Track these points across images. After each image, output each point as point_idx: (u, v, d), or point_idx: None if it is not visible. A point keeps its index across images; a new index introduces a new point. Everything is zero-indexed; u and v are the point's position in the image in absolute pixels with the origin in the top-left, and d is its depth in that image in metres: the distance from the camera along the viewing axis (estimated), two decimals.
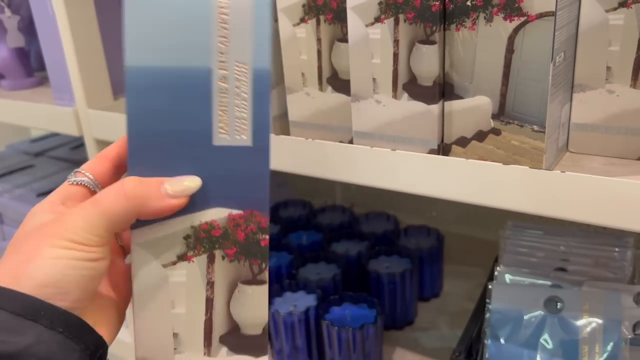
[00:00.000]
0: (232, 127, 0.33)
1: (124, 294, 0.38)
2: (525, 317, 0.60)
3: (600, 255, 0.65)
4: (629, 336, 0.56)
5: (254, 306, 0.36)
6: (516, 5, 0.39)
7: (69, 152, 1.16)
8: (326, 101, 0.51)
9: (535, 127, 0.41)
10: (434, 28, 0.42)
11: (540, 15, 0.39)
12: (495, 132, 0.43)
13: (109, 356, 0.35)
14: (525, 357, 0.59)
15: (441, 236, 0.84)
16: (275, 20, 0.50)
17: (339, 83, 0.50)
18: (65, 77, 0.70)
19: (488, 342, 0.61)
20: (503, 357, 0.60)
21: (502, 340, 0.60)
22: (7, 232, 1.01)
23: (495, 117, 0.43)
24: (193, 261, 0.35)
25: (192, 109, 0.33)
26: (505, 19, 0.40)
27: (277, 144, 0.52)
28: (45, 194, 0.97)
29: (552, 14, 0.38)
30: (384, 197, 0.95)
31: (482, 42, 0.41)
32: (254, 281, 0.36)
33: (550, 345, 0.59)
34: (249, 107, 0.33)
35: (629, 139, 0.43)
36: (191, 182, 0.34)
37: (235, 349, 0.36)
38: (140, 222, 0.34)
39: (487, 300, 0.63)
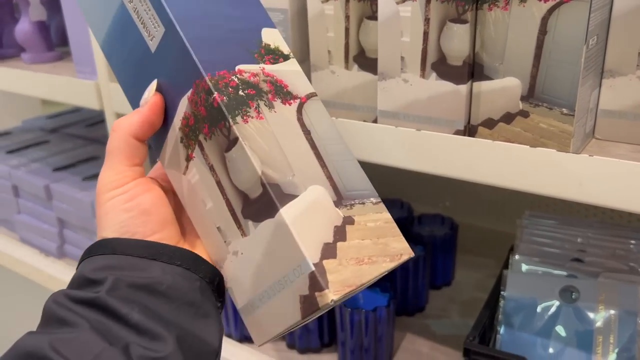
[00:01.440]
0: (151, 28, 0.37)
1: None
2: (540, 306, 0.60)
3: (617, 247, 0.64)
4: None
5: (241, 166, 0.35)
6: None
7: (84, 130, 1.16)
8: (351, 79, 0.51)
9: (565, 110, 0.41)
10: (467, 7, 0.42)
11: None
12: (524, 114, 0.43)
13: None
14: (538, 346, 0.59)
15: (455, 225, 0.84)
16: None
17: (366, 61, 0.50)
18: (87, 50, 0.70)
19: (501, 329, 0.61)
20: (516, 344, 0.60)
21: (515, 328, 0.60)
22: (22, 205, 1.02)
23: (524, 99, 0.43)
24: (194, 157, 0.38)
25: (132, 38, 0.39)
26: None
27: None
28: (61, 169, 0.98)
29: None
30: (397, 184, 0.95)
31: (514, 22, 0.41)
32: (230, 143, 0.35)
33: (564, 335, 0.59)
34: (148, 3, 0.37)
35: None
36: (151, 85, 0.38)
37: (255, 217, 0.36)
38: (158, 152, 0.40)
39: (502, 288, 0.63)
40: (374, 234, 0.37)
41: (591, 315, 0.58)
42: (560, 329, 0.59)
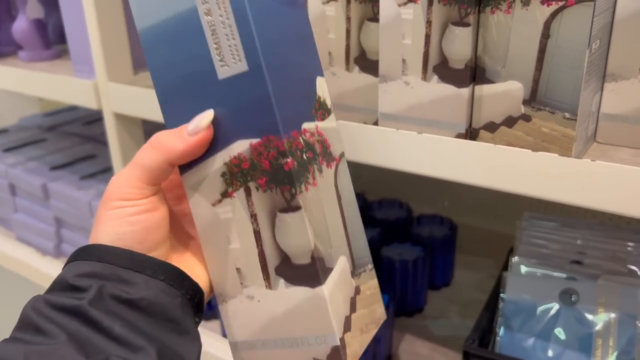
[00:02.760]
0: (228, 57, 0.34)
1: None
2: (540, 309, 0.60)
3: (617, 250, 0.64)
4: None
5: (295, 234, 0.36)
6: None
7: (82, 128, 1.16)
8: (352, 81, 0.51)
9: (567, 115, 0.41)
10: (469, 10, 0.42)
11: (579, 1, 0.38)
12: (526, 118, 0.43)
13: None
14: (537, 348, 0.59)
15: (454, 225, 0.84)
16: None
17: (367, 63, 0.49)
18: (85, 49, 0.69)
19: (501, 331, 0.61)
20: (515, 347, 0.60)
21: (515, 331, 0.60)
22: (19, 204, 1.01)
23: (526, 102, 0.42)
24: (234, 196, 0.36)
25: (193, 50, 0.35)
26: (542, 3, 0.39)
27: None
28: (58, 167, 0.98)
29: None
30: (396, 185, 0.95)
31: (517, 26, 0.41)
32: (289, 208, 0.35)
33: (563, 338, 0.58)
34: (235, 32, 0.33)
35: None
36: (206, 115, 0.35)
37: (291, 280, 0.37)
38: (185, 167, 0.37)
39: (501, 290, 0.62)
40: (369, 302, 0.41)
41: (591, 318, 0.58)
42: (559, 332, 0.59)
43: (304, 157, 0.36)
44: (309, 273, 0.36)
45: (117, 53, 0.68)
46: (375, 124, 0.50)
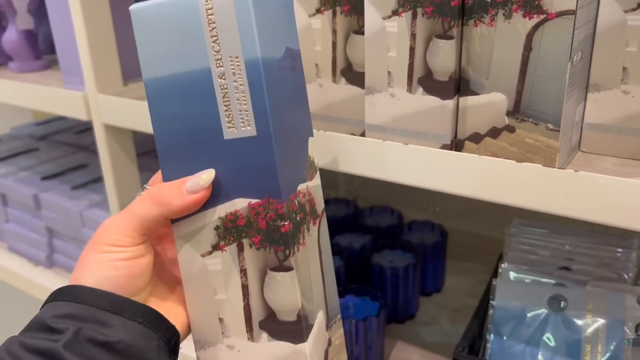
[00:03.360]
0: (237, 120, 0.35)
1: None
2: (529, 315, 0.61)
3: (605, 256, 0.65)
4: (632, 336, 0.57)
5: (284, 292, 0.37)
6: (536, 2, 0.39)
7: (73, 137, 1.16)
8: (339, 93, 0.51)
9: (550, 126, 0.41)
10: (452, 23, 0.42)
11: (560, 14, 0.39)
12: (510, 129, 0.43)
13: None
14: (527, 355, 0.60)
15: (445, 232, 0.85)
16: None
17: (353, 75, 0.50)
18: (75, 60, 0.69)
19: (491, 338, 0.61)
20: (505, 353, 0.60)
21: (504, 337, 0.61)
22: (11, 214, 1.01)
23: (510, 114, 0.43)
24: (225, 250, 0.37)
25: (202, 108, 0.35)
26: (524, 16, 0.40)
27: None
28: (49, 177, 0.98)
29: (573, 12, 0.38)
30: (387, 191, 0.96)
31: (500, 38, 0.41)
32: (281, 268, 0.37)
33: (552, 344, 0.59)
34: (247, 98, 0.34)
35: None
36: (207, 175, 0.36)
37: (274, 334, 0.38)
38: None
39: (491, 297, 0.63)
40: (337, 351, 0.42)
41: (579, 323, 0.59)
42: (549, 338, 0.59)
43: (297, 218, 0.37)
44: (294, 330, 0.37)
45: (106, 64, 0.69)
46: (363, 135, 0.50)
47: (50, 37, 0.94)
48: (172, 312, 0.39)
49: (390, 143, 0.47)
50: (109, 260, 0.36)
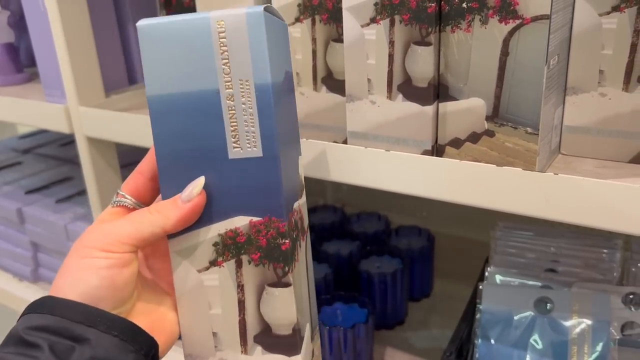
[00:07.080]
0: (243, 141, 0.35)
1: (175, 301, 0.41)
2: (516, 318, 0.61)
3: (590, 257, 0.65)
4: (618, 337, 0.57)
5: (281, 308, 0.37)
6: (511, 8, 0.39)
7: (57, 149, 1.15)
8: (320, 101, 0.51)
9: (529, 129, 0.42)
10: (430, 30, 0.42)
11: (535, 18, 0.39)
12: (489, 133, 0.43)
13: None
14: (515, 358, 0.60)
15: (432, 236, 0.85)
16: None
17: (334, 83, 0.50)
18: (56, 73, 0.69)
19: (478, 342, 0.61)
20: (493, 357, 0.60)
21: (492, 341, 0.61)
22: None
23: (489, 118, 0.43)
24: (223, 266, 0.38)
25: (208, 127, 0.36)
26: (500, 21, 0.40)
27: None
28: (33, 191, 0.97)
29: (547, 17, 0.38)
30: (375, 197, 0.96)
31: (477, 44, 0.42)
32: (279, 284, 0.37)
33: (540, 346, 0.59)
34: (255, 121, 0.35)
35: (621, 142, 0.43)
36: (197, 182, 0.36)
37: (269, 348, 0.38)
38: (174, 233, 0.38)
39: (478, 301, 0.63)
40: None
41: (566, 325, 0.59)
42: (536, 340, 0.59)
43: (294, 235, 0.38)
44: (289, 343, 0.38)
45: (87, 76, 0.68)
46: (345, 142, 0.50)
47: (32, 50, 0.94)
48: (157, 324, 0.38)
49: (372, 150, 0.47)
50: (93, 267, 0.35)
